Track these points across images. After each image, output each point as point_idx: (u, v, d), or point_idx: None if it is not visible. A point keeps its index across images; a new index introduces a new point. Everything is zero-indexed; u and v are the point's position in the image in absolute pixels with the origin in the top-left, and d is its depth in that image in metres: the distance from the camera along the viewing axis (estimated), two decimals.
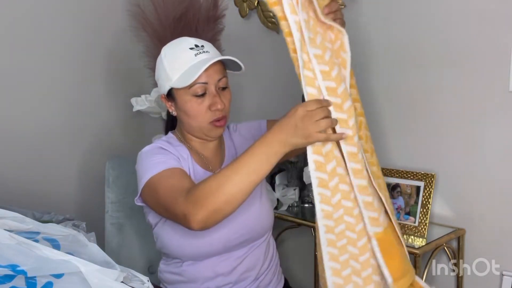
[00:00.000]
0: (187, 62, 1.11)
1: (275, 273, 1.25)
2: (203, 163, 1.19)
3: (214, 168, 1.20)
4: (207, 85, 1.12)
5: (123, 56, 1.96)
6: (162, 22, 1.85)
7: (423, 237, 1.36)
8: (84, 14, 1.83)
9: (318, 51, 0.93)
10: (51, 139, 1.76)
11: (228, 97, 1.16)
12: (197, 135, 1.18)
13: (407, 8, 1.48)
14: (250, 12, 1.90)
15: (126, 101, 1.91)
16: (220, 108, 1.12)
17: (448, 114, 1.43)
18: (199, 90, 1.11)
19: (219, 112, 1.13)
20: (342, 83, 0.95)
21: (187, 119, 1.16)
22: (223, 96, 1.14)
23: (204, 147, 1.21)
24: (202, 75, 1.09)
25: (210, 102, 1.12)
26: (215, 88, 1.13)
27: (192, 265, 1.15)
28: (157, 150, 1.14)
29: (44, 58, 1.72)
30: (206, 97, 1.12)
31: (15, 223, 0.83)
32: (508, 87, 1.30)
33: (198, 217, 0.94)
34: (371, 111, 1.60)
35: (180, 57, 1.13)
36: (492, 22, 1.32)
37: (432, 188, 1.40)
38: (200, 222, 0.95)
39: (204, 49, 1.14)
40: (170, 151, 1.14)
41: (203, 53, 1.13)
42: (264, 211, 1.20)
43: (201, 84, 1.11)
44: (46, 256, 0.73)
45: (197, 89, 1.11)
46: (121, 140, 1.98)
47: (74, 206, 1.83)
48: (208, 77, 1.11)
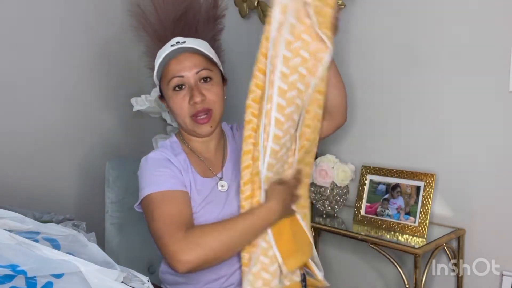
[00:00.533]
0: (162, 56, 1.13)
1: None
2: (203, 168, 1.18)
3: (215, 170, 1.19)
4: (184, 78, 1.11)
5: (123, 56, 1.96)
6: (162, 22, 1.85)
7: (423, 237, 1.36)
8: (84, 14, 1.83)
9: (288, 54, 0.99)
10: (51, 139, 1.75)
11: (214, 90, 1.13)
12: (189, 132, 1.18)
13: (407, 8, 1.48)
14: (250, 12, 1.90)
15: (126, 101, 1.91)
16: (197, 100, 1.09)
17: (448, 114, 1.43)
18: (176, 83, 1.11)
19: (198, 105, 1.11)
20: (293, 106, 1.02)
21: (175, 116, 1.16)
22: (205, 89, 1.12)
23: (204, 147, 1.20)
24: (177, 68, 1.10)
25: (189, 95, 1.11)
26: (194, 81, 1.11)
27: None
28: (163, 162, 1.12)
29: (43, 58, 1.72)
30: (186, 90, 1.12)
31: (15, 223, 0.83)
32: (508, 87, 1.30)
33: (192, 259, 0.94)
34: (372, 111, 1.61)
35: (161, 54, 1.15)
36: (492, 22, 1.32)
37: (432, 188, 1.40)
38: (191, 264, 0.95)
39: (183, 44, 1.13)
40: (174, 163, 1.12)
41: (180, 46, 1.12)
42: None
43: (178, 78, 1.11)
44: (46, 256, 0.73)
45: (174, 83, 1.11)
46: (121, 140, 1.98)
47: (74, 206, 1.83)
48: (184, 70, 1.10)
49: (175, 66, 1.12)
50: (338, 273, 1.76)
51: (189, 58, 1.11)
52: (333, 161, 1.56)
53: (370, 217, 1.50)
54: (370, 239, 1.37)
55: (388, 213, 1.46)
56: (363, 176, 1.55)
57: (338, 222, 1.55)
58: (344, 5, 1.61)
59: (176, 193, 1.06)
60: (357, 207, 1.54)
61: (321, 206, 1.59)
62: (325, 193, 1.57)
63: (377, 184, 1.52)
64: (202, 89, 1.11)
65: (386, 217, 1.46)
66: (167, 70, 1.13)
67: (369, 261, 1.66)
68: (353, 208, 1.56)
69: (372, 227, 1.48)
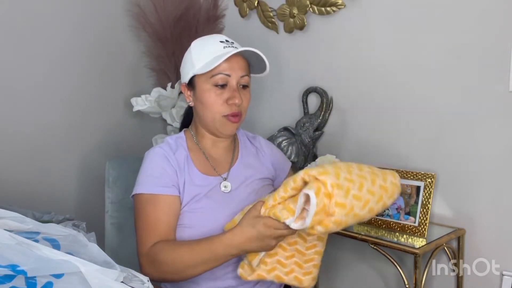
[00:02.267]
0: (214, 52, 1.14)
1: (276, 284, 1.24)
2: (207, 166, 1.19)
3: (220, 170, 1.20)
4: (229, 78, 1.13)
5: (123, 56, 1.96)
6: (162, 22, 1.85)
7: (423, 237, 1.36)
8: (84, 14, 1.82)
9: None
10: (51, 139, 1.75)
11: (248, 96, 1.18)
12: (210, 129, 1.19)
13: (407, 8, 1.48)
14: (250, 12, 1.91)
15: (126, 101, 1.91)
16: (238, 102, 1.13)
17: (448, 114, 1.43)
18: (220, 81, 1.13)
19: (236, 107, 1.14)
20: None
21: (203, 110, 1.16)
22: (243, 94, 1.16)
23: (214, 147, 1.21)
24: (226, 67, 1.12)
25: (229, 95, 1.13)
26: (236, 83, 1.14)
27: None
28: (160, 160, 1.15)
29: (43, 58, 1.72)
30: (226, 89, 1.14)
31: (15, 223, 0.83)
32: (508, 87, 1.30)
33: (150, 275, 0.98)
34: (371, 110, 1.61)
35: (209, 47, 1.16)
36: (492, 22, 1.32)
37: (432, 188, 1.40)
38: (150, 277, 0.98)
39: (233, 45, 1.16)
40: (171, 162, 1.14)
41: (231, 47, 1.15)
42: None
43: (224, 75, 1.13)
44: (46, 256, 0.73)
45: (218, 79, 1.13)
46: (121, 140, 1.98)
47: (74, 206, 1.83)
48: (232, 70, 1.12)
49: (226, 64, 1.13)
50: (338, 273, 1.76)
51: (239, 61, 1.15)
52: (333, 161, 1.56)
53: None
54: (370, 239, 1.37)
55: (388, 213, 1.46)
56: None
57: None
58: (344, 5, 1.61)
59: (162, 198, 1.10)
60: None
61: None
62: None
63: None
64: (242, 94, 1.15)
65: (386, 217, 1.46)
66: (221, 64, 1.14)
67: (369, 261, 1.65)
68: None
69: (372, 227, 1.48)
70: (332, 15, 1.65)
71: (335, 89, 1.68)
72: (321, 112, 1.68)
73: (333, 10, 1.64)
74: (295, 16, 1.73)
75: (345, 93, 1.66)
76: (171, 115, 1.84)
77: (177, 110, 1.83)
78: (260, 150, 1.30)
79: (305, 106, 1.74)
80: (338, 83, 1.67)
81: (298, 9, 1.72)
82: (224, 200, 1.15)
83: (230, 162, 1.22)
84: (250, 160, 1.26)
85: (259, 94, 1.89)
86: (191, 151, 1.20)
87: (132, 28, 1.94)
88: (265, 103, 1.89)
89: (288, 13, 1.75)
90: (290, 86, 1.82)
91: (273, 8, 1.81)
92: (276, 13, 1.80)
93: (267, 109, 1.90)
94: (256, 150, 1.30)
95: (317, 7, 1.67)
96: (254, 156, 1.28)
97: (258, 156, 1.29)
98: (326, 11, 1.65)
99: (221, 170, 1.20)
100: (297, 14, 1.73)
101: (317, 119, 1.68)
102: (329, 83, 1.69)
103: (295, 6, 1.73)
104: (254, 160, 1.27)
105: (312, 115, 1.71)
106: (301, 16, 1.72)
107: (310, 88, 1.72)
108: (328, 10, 1.65)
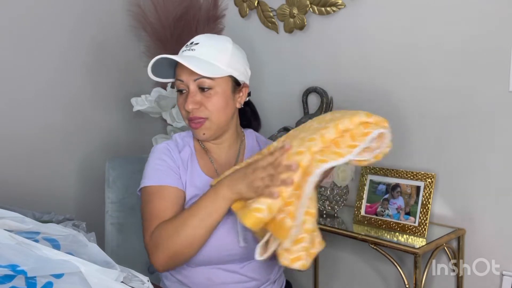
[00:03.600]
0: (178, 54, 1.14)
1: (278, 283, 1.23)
2: (210, 168, 1.18)
3: (222, 172, 1.17)
4: (184, 83, 1.11)
5: (123, 56, 1.96)
6: (162, 22, 1.85)
7: (423, 237, 1.36)
8: (84, 14, 1.83)
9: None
10: (51, 139, 1.75)
11: (212, 101, 1.10)
12: None
13: (407, 9, 1.48)
14: (250, 12, 1.91)
15: (126, 101, 1.91)
16: (187, 109, 1.10)
17: (448, 114, 1.43)
18: (178, 86, 1.13)
19: (191, 113, 1.11)
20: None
21: None
22: (203, 98, 1.10)
23: (215, 147, 1.20)
24: (179, 72, 1.11)
25: (184, 101, 1.12)
26: (193, 88, 1.10)
27: (186, 269, 1.13)
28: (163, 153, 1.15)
29: (43, 58, 1.72)
30: (185, 94, 1.13)
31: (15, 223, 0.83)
32: (508, 87, 1.30)
33: (159, 261, 0.99)
34: (371, 110, 1.60)
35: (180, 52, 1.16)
36: (492, 22, 1.32)
37: (432, 188, 1.40)
38: (161, 265, 1.02)
39: (191, 47, 1.12)
40: (175, 159, 1.15)
41: (188, 50, 1.12)
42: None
43: (179, 81, 1.12)
44: (46, 256, 0.73)
45: (177, 85, 1.13)
46: (121, 140, 1.98)
47: (74, 206, 1.83)
48: (184, 75, 1.10)
49: (179, 69, 1.12)
50: (338, 273, 1.76)
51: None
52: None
53: (370, 217, 1.50)
54: (370, 239, 1.37)
55: (388, 213, 1.46)
56: (363, 176, 1.55)
57: (338, 222, 1.55)
58: (344, 5, 1.61)
59: (168, 190, 1.10)
60: (357, 207, 1.54)
61: (321, 206, 1.59)
62: (325, 193, 1.57)
63: (377, 184, 1.52)
64: (199, 98, 1.10)
65: (386, 217, 1.46)
66: (175, 70, 1.14)
67: (369, 261, 1.66)
68: (353, 208, 1.56)
69: (372, 227, 1.48)
70: (332, 15, 1.65)
71: (335, 89, 1.68)
72: (321, 112, 1.68)
73: (333, 10, 1.64)
74: (295, 16, 1.74)
75: (345, 93, 1.66)
76: (171, 115, 1.84)
77: (177, 110, 1.83)
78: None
79: (305, 106, 1.74)
80: (338, 83, 1.67)
81: (298, 9, 1.72)
82: None
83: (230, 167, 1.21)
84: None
85: (259, 94, 1.89)
86: (197, 151, 1.19)
87: (132, 28, 1.94)
88: (265, 103, 1.89)
89: (288, 13, 1.75)
90: (290, 86, 1.82)
91: (273, 8, 1.81)
92: (276, 13, 1.80)
93: (267, 109, 1.90)
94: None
95: (317, 7, 1.67)
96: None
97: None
98: (326, 11, 1.65)
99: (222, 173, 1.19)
100: (297, 14, 1.73)
101: None
102: (329, 83, 1.69)
103: (295, 6, 1.73)
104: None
105: (312, 115, 1.71)
106: (301, 16, 1.72)
107: (310, 88, 1.72)
108: (328, 10, 1.65)
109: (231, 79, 1.14)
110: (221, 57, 1.12)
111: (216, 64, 1.10)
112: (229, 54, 1.13)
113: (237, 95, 1.17)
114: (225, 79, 1.12)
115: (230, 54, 1.13)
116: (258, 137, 1.30)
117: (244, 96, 1.20)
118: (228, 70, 1.12)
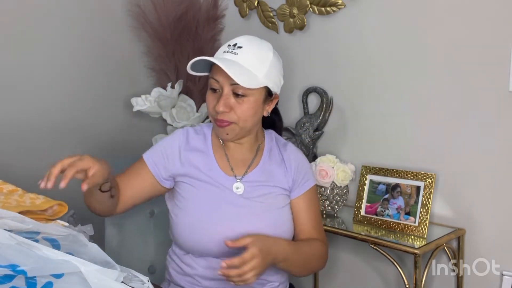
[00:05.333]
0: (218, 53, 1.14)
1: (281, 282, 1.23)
2: (225, 164, 1.18)
3: (237, 172, 1.18)
4: (219, 84, 1.10)
5: (123, 56, 1.96)
6: (162, 22, 1.85)
7: (423, 237, 1.36)
8: (84, 14, 1.82)
9: None
10: (51, 139, 1.75)
11: (243, 108, 1.10)
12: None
13: (407, 8, 1.48)
14: (250, 12, 1.91)
15: (126, 101, 1.91)
16: (218, 110, 1.09)
17: (448, 114, 1.43)
18: (212, 85, 1.12)
19: (220, 115, 1.10)
20: None
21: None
22: (235, 103, 1.10)
23: (236, 146, 1.20)
24: (217, 72, 1.09)
25: (216, 101, 1.11)
26: (227, 90, 1.09)
27: (191, 259, 1.15)
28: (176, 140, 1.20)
29: (43, 58, 1.72)
30: (217, 94, 1.11)
31: (15, 223, 0.83)
32: (508, 87, 1.30)
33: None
34: (371, 110, 1.61)
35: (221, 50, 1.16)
36: (492, 22, 1.32)
37: (432, 188, 1.40)
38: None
39: (234, 50, 1.12)
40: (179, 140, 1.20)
41: (230, 52, 1.11)
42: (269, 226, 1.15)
43: (214, 80, 1.11)
44: (46, 256, 0.73)
45: (211, 83, 1.12)
46: (121, 140, 1.98)
47: (74, 206, 1.82)
48: (221, 76, 1.09)
49: (216, 69, 1.10)
50: (338, 273, 1.76)
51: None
52: (333, 161, 1.56)
53: (370, 217, 1.50)
54: (370, 239, 1.37)
55: (388, 213, 1.46)
56: (363, 176, 1.55)
57: (338, 222, 1.55)
58: (344, 5, 1.61)
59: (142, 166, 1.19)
60: (357, 207, 1.54)
61: (321, 206, 1.59)
62: (325, 193, 1.57)
63: (377, 184, 1.52)
64: (231, 102, 1.10)
65: (386, 217, 1.46)
66: (212, 67, 1.13)
67: (369, 261, 1.65)
68: (353, 208, 1.56)
69: (372, 227, 1.48)
70: (332, 15, 1.65)
71: (335, 89, 1.68)
72: (321, 112, 1.68)
73: (333, 10, 1.64)
74: (295, 16, 1.74)
75: (345, 93, 1.66)
76: (171, 115, 1.84)
77: (177, 110, 1.83)
78: (286, 162, 1.24)
79: (305, 106, 1.75)
80: (338, 83, 1.67)
81: (298, 9, 1.72)
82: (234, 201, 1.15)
83: (249, 166, 1.20)
84: (272, 167, 1.21)
85: None
86: (214, 146, 1.20)
87: (132, 28, 1.94)
88: None
89: (288, 13, 1.75)
90: (290, 86, 1.82)
91: (273, 8, 1.81)
92: (276, 13, 1.80)
93: None
94: (281, 160, 1.24)
95: (317, 7, 1.67)
96: (278, 165, 1.22)
97: (282, 167, 1.23)
98: (326, 11, 1.65)
99: (238, 171, 1.18)
100: (297, 14, 1.73)
101: (317, 119, 1.69)
102: (329, 83, 1.69)
103: (295, 6, 1.73)
104: (277, 168, 1.22)
105: (312, 115, 1.71)
106: (301, 16, 1.72)
107: (310, 88, 1.72)
108: (328, 10, 1.65)
109: (265, 90, 1.13)
110: (261, 67, 1.11)
111: (255, 73, 1.10)
112: (268, 65, 1.12)
113: (267, 105, 1.17)
114: (260, 89, 1.11)
115: (269, 65, 1.13)
116: (278, 139, 1.30)
117: (273, 106, 1.20)
118: (265, 81, 1.11)
